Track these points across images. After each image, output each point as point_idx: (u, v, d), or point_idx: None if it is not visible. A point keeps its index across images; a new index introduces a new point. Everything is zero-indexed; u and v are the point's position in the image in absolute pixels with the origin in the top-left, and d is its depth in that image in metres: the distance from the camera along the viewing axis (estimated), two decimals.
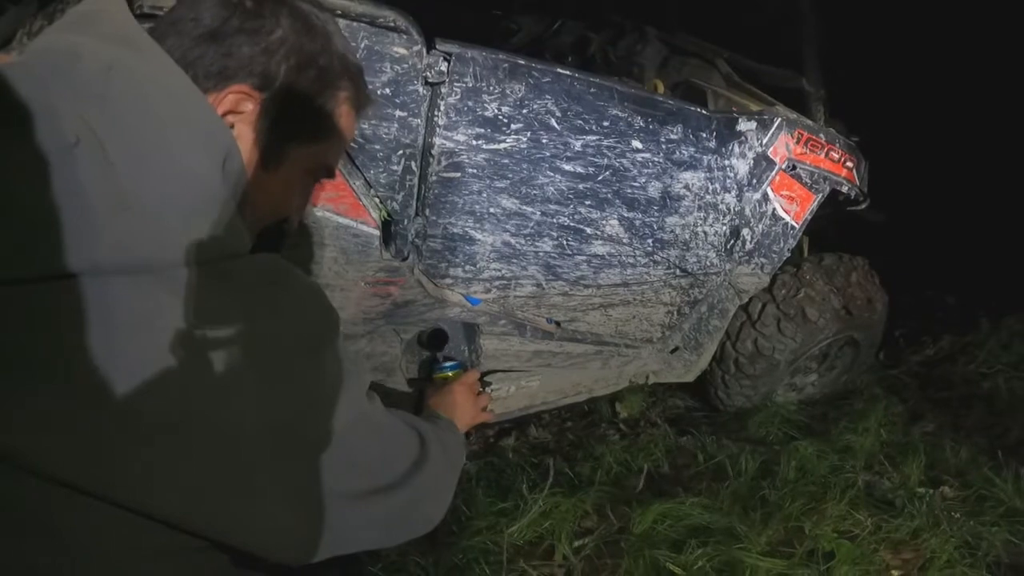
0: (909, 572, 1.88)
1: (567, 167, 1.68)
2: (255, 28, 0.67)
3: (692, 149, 1.87)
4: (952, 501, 2.17)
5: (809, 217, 2.28)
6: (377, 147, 1.44)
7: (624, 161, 1.76)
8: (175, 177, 0.56)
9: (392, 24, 1.35)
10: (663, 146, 1.81)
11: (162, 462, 0.54)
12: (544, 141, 1.62)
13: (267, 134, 0.69)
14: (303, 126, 0.72)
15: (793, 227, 2.25)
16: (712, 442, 2.45)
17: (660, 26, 2.66)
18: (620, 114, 1.69)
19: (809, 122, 2.24)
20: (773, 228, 2.21)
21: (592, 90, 1.63)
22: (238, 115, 0.67)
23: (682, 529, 1.92)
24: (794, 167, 2.17)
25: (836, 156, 2.30)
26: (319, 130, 0.73)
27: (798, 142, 2.15)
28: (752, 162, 2.06)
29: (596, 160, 1.71)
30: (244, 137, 0.67)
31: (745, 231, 2.16)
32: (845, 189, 2.36)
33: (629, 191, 1.82)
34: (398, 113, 1.42)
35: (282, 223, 0.79)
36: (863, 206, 2.59)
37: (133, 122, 0.56)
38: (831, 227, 2.87)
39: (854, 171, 2.41)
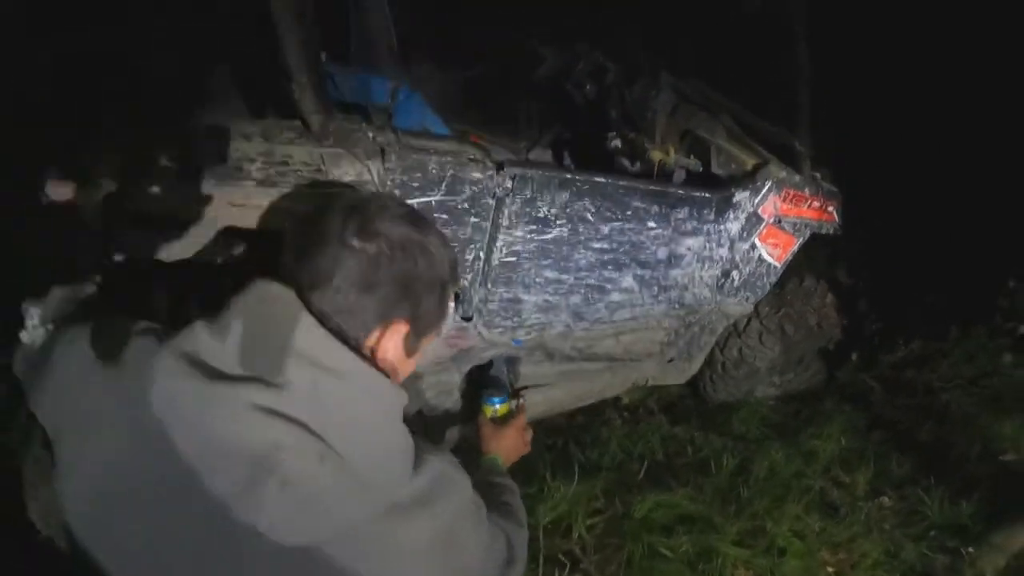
0: (842, 571, 2.28)
1: (596, 245, 2.12)
2: (400, 273, 0.84)
3: (695, 222, 2.30)
4: (887, 511, 2.52)
5: (791, 257, 2.71)
6: (456, 244, 1.87)
7: (641, 237, 2.19)
8: (382, 451, 0.79)
9: (473, 157, 1.77)
10: (672, 223, 2.24)
11: None
12: (580, 230, 2.06)
13: (412, 340, 0.89)
14: (433, 328, 0.94)
15: (776, 267, 2.68)
16: (700, 436, 2.91)
17: (672, 62, 2.95)
18: (640, 204, 2.12)
19: (797, 178, 2.62)
20: (759, 268, 2.65)
21: (620, 189, 2.06)
22: (398, 336, 0.86)
23: (672, 517, 2.37)
24: (779, 220, 2.58)
25: (818, 204, 2.70)
26: (439, 325, 0.96)
27: (784, 200, 2.55)
28: (744, 220, 2.48)
29: (619, 238, 2.15)
30: (398, 347, 0.87)
31: (735, 272, 2.60)
32: (823, 231, 2.78)
33: (643, 256, 2.26)
34: (472, 219, 1.86)
35: None
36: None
37: (343, 423, 0.75)
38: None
39: (834, 212, 2.82)
